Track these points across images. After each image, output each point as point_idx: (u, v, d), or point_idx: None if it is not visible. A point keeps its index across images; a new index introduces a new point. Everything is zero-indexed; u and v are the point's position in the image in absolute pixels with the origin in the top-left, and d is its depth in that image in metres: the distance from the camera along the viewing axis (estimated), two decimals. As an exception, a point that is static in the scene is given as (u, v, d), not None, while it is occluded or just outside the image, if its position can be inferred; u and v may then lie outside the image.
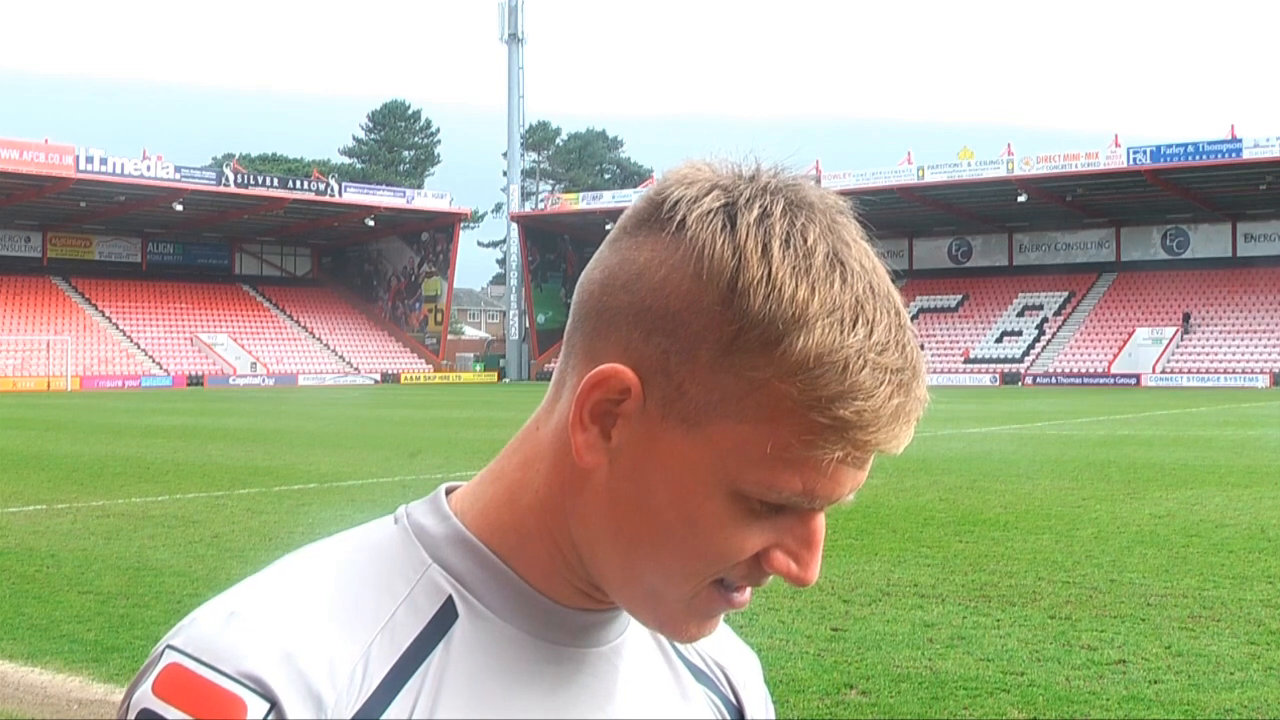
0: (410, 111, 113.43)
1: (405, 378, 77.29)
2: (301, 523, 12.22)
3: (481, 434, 25.74)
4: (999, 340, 70.89)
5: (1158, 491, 14.54)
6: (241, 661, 0.76)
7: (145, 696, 0.77)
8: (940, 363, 70.16)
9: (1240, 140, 60.15)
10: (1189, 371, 62.33)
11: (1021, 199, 67.38)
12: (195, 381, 68.86)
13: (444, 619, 0.84)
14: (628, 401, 0.80)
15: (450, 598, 0.85)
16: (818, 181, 0.84)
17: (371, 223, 79.32)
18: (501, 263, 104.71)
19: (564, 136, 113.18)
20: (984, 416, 32.25)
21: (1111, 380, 63.42)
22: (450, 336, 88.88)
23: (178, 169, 68.81)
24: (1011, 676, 6.53)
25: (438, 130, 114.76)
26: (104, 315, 73.38)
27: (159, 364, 70.79)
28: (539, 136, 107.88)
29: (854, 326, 0.77)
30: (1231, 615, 7.94)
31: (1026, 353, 68.98)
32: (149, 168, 67.13)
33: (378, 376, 76.44)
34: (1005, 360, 68.59)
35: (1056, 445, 22.27)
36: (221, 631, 0.78)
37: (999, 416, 32.28)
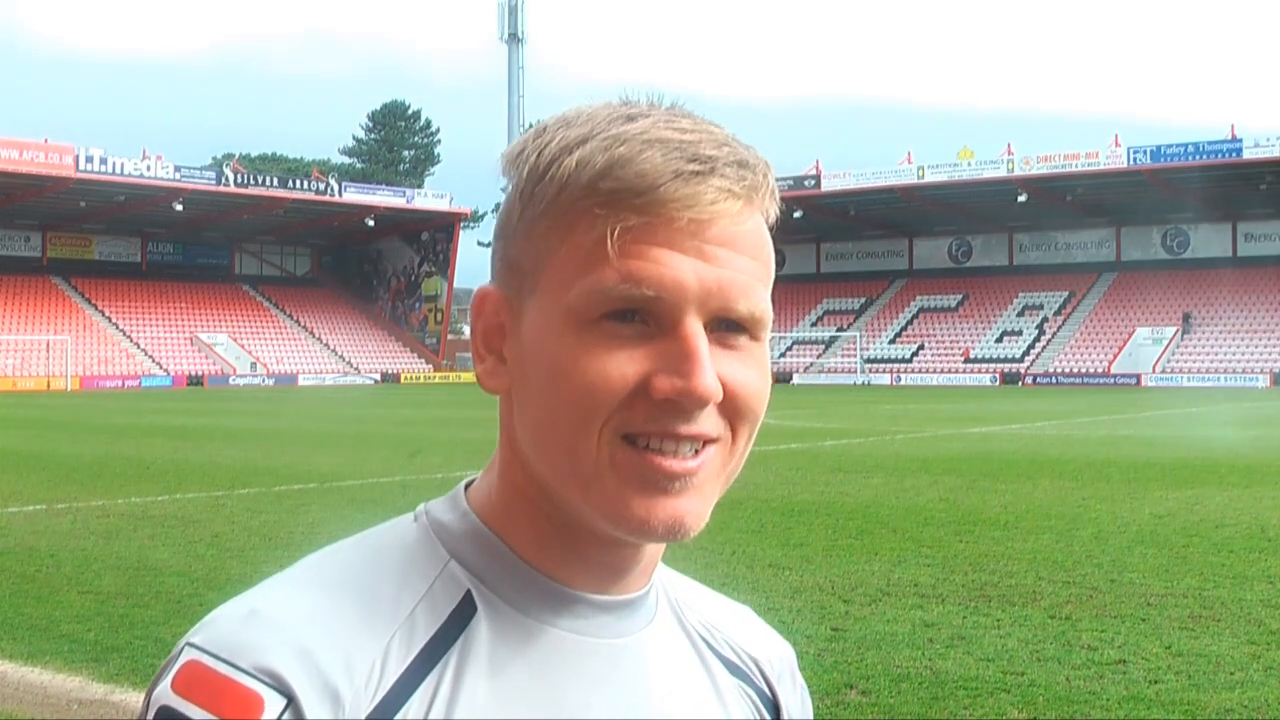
0: (410, 111, 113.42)
1: (405, 378, 77.30)
2: (301, 523, 12.22)
3: (481, 434, 25.72)
4: (999, 340, 70.90)
5: (1158, 491, 14.54)
6: (259, 657, 0.76)
7: (165, 694, 0.77)
8: (940, 363, 70.18)
9: (1240, 140, 60.20)
10: (1189, 371, 62.34)
11: (1021, 199, 67.43)
12: (195, 381, 68.87)
13: (462, 614, 0.84)
14: (503, 315, 0.84)
15: (469, 592, 0.85)
16: (817, 182, 0.85)
17: (371, 223, 79.29)
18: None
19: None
20: (984, 416, 32.26)
21: (1111, 380, 63.44)
22: (450, 336, 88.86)
23: (177, 169, 68.80)
24: (1012, 676, 6.52)
25: (438, 130, 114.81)
26: (104, 315, 73.38)
27: (159, 364, 70.79)
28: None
29: (617, 124, 0.80)
30: (1232, 615, 7.94)
31: (1026, 353, 69.00)
32: (149, 167, 67.12)
33: (378, 376, 76.44)
34: (1005, 360, 68.60)
35: (1056, 445, 22.26)
36: (240, 629, 0.78)
37: (999, 416, 32.27)
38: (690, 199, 0.78)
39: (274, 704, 0.75)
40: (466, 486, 0.91)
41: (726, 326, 0.81)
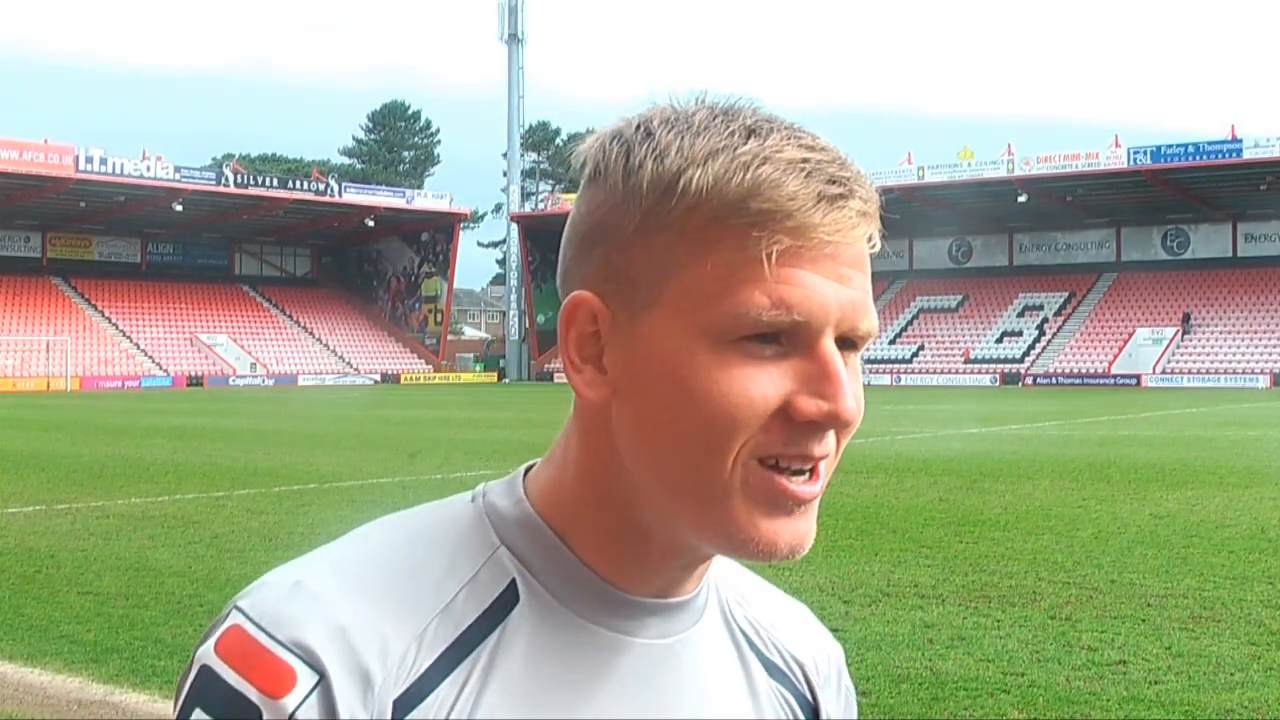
0: (410, 111, 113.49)
1: (405, 378, 77.28)
2: (301, 523, 12.21)
3: (481, 434, 25.73)
4: (999, 340, 70.89)
5: (1158, 492, 14.54)
6: (297, 631, 0.78)
7: (207, 653, 0.80)
8: (940, 363, 70.17)
9: (1240, 140, 60.19)
10: (1189, 372, 62.33)
11: (1022, 199, 67.41)
12: (195, 382, 68.84)
13: (505, 603, 0.84)
14: (602, 323, 0.82)
15: (514, 580, 0.85)
16: None
17: (371, 223, 79.30)
18: (501, 263, 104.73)
19: (564, 136, 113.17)
20: (984, 416, 32.25)
21: (1112, 380, 63.42)
22: (450, 337, 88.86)
23: (177, 169, 68.80)
24: (1012, 677, 6.52)
25: (438, 130, 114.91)
26: (104, 315, 73.36)
27: (159, 364, 70.78)
28: (539, 136, 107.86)
29: (746, 141, 0.80)
30: (1232, 616, 7.93)
31: (1027, 353, 68.99)
32: (149, 168, 67.12)
33: (378, 377, 76.42)
34: (1005, 360, 68.60)
35: (1056, 445, 22.26)
36: (285, 599, 0.80)
37: (999, 416, 32.27)
38: (836, 224, 0.79)
39: (306, 679, 0.77)
40: (526, 472, 0.91)
41: (843, 343, 0.81)
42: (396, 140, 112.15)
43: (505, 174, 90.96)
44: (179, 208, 69.38)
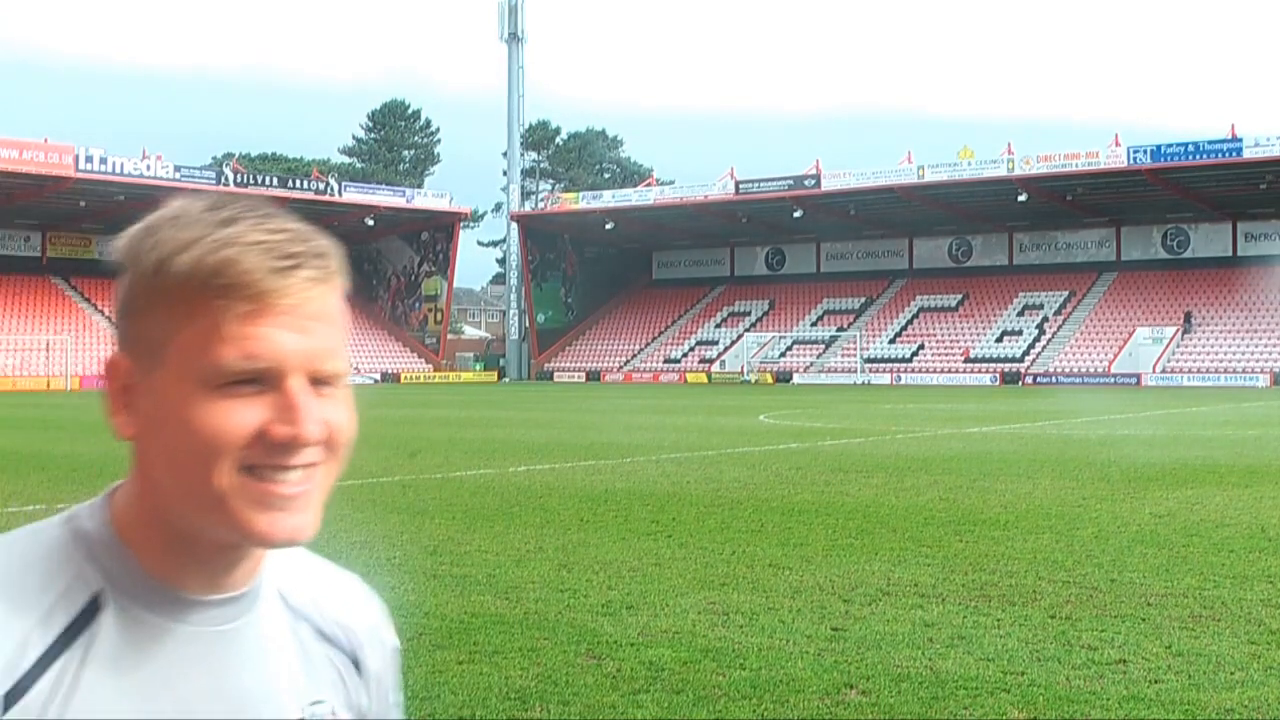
0: (410, 111, 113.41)
1: (405, 378, 77.28)
2: (301, 522, 12.19)
3: (481, 434, 25.74)
4: (999, 340, 70.91)
5: (1158, 491, 14.54)
6: None
7: None
8: (940, 362, 70.18)
9: (1240, 140, 60.18)
10: (1189, 371, 62.35)
11: (1022, 198, 67.42)
12: (195, 381, 68.77)
13: (92, 610, 1.05)
14: (131, 377, 1.05)
15: (100, 590, 1.05)
16: (817, 182, 0.87)
17: (371, 222, 79.25)
18: (501, 262, 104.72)
19: (564, 136, 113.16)
20: (984, 416, 32.26)
21: (1112, 380, 63.44)
22: (450, 336, 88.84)
23: (177, 168, 68.77)
24: (1012, 676, 6.52)
25: (438, 130, 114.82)
26: (104, 315, 73.32)
27: (159, 364, 70.73)
28: (539, 136, 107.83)
29: (219, 229, 1.03)
30: (1232, 615, 7.94)
31: (1027, 352, 69.01)
32: (149, 167, 67.10)
33: (378, 376, 76.43)
34: (1005, 360, 68.62)
35: (1056, 445, 22.26)
36: None
37: (999, 416, 32.28)
38: (288, 290, 1.01)
39: None
40: (113, 492, 1.12)
41: (319, 381, 1.04)
42: (396, 139, 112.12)
43: (505, 173, 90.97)
44: (179, 207, 69.27)
